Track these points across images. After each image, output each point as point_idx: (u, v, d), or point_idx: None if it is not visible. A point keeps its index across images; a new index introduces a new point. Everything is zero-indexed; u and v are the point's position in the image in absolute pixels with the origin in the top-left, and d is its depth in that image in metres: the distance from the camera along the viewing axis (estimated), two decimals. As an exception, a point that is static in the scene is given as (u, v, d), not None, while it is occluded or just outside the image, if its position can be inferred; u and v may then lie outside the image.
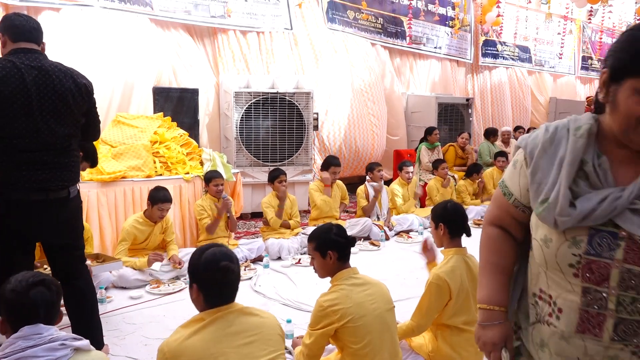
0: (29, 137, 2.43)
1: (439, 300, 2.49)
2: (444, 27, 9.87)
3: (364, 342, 2.21)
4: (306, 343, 2.30)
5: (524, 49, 11.72)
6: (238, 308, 1.85)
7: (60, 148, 2.53)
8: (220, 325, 1.79)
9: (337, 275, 2.33)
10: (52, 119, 2.48)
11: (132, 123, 5.13)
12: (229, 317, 1.81)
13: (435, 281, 2.48)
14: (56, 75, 2.49)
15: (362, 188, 5.87)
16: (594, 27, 13.54)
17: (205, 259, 1.83)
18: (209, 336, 1.75)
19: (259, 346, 1.81)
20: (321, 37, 7.59)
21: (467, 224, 2.68)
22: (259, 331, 1.84)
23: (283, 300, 3.80)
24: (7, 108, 2.36)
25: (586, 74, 13.79)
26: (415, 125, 8.78)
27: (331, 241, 2.32)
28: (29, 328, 1.68)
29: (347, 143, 7.49)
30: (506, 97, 11.13)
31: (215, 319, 1.79)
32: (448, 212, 2.64)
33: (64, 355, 1.67)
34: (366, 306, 2.24)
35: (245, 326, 1.83)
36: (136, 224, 4.17)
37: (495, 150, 8.31)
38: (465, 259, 2.59)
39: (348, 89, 7.58)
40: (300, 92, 6.31)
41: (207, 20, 6.60)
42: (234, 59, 6.83)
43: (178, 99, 6.01)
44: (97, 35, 5.68)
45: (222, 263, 1.82)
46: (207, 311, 1.82)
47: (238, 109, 6.13)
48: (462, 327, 2.54)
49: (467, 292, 2.51)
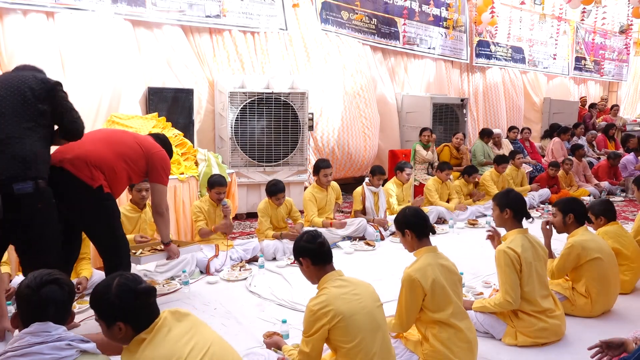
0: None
1: (413, 297, 2.61)
2: (438, 28, 9.91)
3: (356, 341, 2.24)
4: (305, 351, 2.33)
5: (518, 49, 11.78)
6: (165, 315, 1.87)
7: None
8: (162, 333, 1.82)
9: (322, 279, 2.40)
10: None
11: (126, 123, 5.12)
12: (165, 324, 1.84)
13: (405, 280, 2.63)
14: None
15: (360, 190, 5.84)
16: (588, 28, 13.62)
17: (116, 291, 1.79)
18: (159, 344, 1.79)
19: (201, 336, 1.90)
20: (315, 38, 7.60)
21: (430, 223, 2.86)
22: (194, 324, 1.93)
23: (278, 301, 3.81)
24: None
25: (579, 74, 13.87)
26: (409, 125, 8.81)
27: (301, 248, 2.45)
28: (39, 325, 1.71)
29: (340, 145, 7.49)
30: (500, 97, 11.18)
31: (155, 332, 1.81)
32: (408, 217, 2.82)
33: (69, 355, 1.68)
34: (355, 305, 2.29)
35: (182, 326, 1.89)
36: (125, 212, 4.13)
37: (489, 151, 8.35)
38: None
39: (341, 91, 7.59)
40: (295, 93, 6.32)
41: (202, 20, 6.59)
42: (228, 59, 6.82)
43: (173, 99, 6.00)
44: (88, 37, 5.61)
45: (139, 287, 1.83)
46: (144, 331, 1.81)
47: (233, 109, 6.13)
48: (450, 322, 2.61)
49: (443, 286, 2.62)
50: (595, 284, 3.41)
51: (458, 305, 2.67)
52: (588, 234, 3.52)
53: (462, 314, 2.69)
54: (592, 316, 3.47)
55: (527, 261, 3.00)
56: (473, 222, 6.31)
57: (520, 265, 2.98)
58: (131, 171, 3.21)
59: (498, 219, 3.28)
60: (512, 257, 2.98)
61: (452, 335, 2.61)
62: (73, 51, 5.52)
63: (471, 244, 5.44)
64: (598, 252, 3.41)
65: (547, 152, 9.69)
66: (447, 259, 2.80)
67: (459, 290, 2.74)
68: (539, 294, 3.03)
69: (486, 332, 3.15)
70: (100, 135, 3.34)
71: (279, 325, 3.09)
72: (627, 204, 7.89)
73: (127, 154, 3.19)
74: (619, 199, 8.11)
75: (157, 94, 5.93)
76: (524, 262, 2.99)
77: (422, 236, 2.79)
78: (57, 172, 2.88)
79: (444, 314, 2.61)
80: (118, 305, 1.77)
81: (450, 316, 2.61)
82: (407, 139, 8.81)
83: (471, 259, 4.76)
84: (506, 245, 3.05)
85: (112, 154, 3.11)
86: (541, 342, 3.03)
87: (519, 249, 3.00)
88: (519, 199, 3.25)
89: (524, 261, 2.99)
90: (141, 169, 3.28)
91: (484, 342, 3.02)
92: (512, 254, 2.99)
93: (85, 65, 5.54)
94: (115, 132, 3.61)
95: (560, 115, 11.73)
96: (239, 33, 6.93)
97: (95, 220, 3.06)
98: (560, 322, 3.09)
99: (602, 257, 3.42)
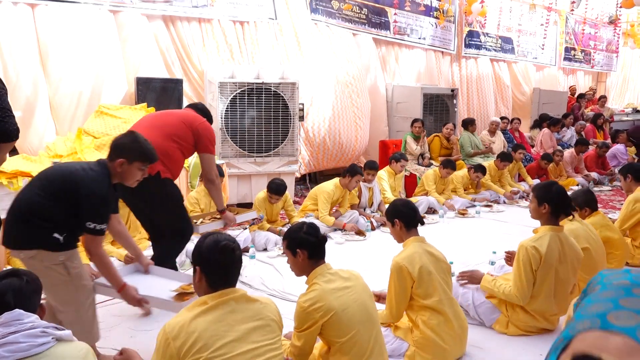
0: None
1: (402, 285, 2.64)
2: (428, 18, 9.89)
3: (349, 335, 2.23)
4: (297, 345, 2.33)
5: (507, 39, 11.79)
6: (240, 294, 1.89)
7: None
8: (223, 310, 1.82)
9: (311, 274, 2.35)
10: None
11: (115, 114, 5.08)
12: (231, 303, 1.85)
13: (394, 268, 2.67)
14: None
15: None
16: (577, 18, 13.67)
17: (208, 242, 1.90)
18: (212, 319, 1.78)
19: (259, 332, 1.86)
20: (305, 27, 7.54)
21: (419, 214, 2.89)
22: (259, 317, 1.89)
23: (269, 291, 3.82)
24: None
25: (569, 64, 13.94)
26: (400, 116, 8.81)
27: (300, 240, 2.36)
28: (8, 314, 1.70)
29: (331, 135, 7.47)
30: (489, 87, 11.21)
31: (219, 303, 1.83)
32: (398, 207, 2.88)
33: (45, 342, 1.67)
34: (346, 298, 2.26)
35: (247, 312, 1.87)
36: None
37: (476, 141, 8.38)
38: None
39: (332, 81, 7.56)
40: (285, 83, 6.28)
41: (190, 9, 6.52)
42: (218, 49, 6.76)
43: (162, 90, 5.94)
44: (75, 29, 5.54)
45: (222, 243, 1.89)
46: (210, 295, 1.85)
47: (223, 99, 6.09)
48: (439, 309, 2.64)
49: (430, 272, 2.65)
50: (583, 273, 3.43)
51: (446, 293, 2.70)
52: (576, 223, 3.52)
53: (450, 300, 2.72)
54: None
55: (548, 263, 2.87)
56: (463, 212, 6.35)
57: (539, 265, 2.87)
58: (182, 148, 3.44)
59: (535, 212, 3.10)
60: (531, 256, 2.88)
61: (441, 322, 2.64)
62: (55, 42, 5.44)
63: (461, 234, 5.49)
64: (586, 242, 3.44)
65: (536, 143, 9.75)
66: (435, 248, 2.82)
67: (447, 278, 2.76)
68: (546, 296, 2.94)
69: (476, 319, 3.18)
70: (145, 123, 3.49)
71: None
72: (615, 193, 7.98)
73: (174, 133, 3.39)
74: (606, 189, 8.20)
75: (145, 84, 5.87)
76: (545, 264, 2.86)
77: (411, 226, 2.81)
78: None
79: (433, 300, 2.63)
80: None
81: (439, 303, 2.64)
82: (398, 130, 8.81)
83: (461, 249, 4.80)
84: (532, 243, 2.91)
85: (161, 137, 3.29)
86: (530, 334, 3.06)
87: (544, 249, 2.87)
88: (561, 194, 3.04)
89: (544, 263, 2.86)
90: (190, 143, 3.49)
91: (473, 329, 3.06)
92: (534, 253, 2.88)
93: (67, 57, 5.47)
94: (158, 116, 3.72)
95: (550, 105, 11.79)
96: (229, 23, 6.86)
97: (159, 206, 3.36)
98: (554, 323, 3.09)
99: (590, 246, 3.44)
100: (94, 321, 2.65)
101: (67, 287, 2.50)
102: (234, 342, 1.77)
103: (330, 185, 5.42)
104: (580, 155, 8.61)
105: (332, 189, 5.36)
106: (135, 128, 3.28)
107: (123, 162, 2.55)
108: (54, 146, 4.83)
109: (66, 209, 2.44)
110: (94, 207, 2.46)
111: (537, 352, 2.89)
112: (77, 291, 2.53)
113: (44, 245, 2.42)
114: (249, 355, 1.78)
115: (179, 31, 6.56)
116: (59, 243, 2.45)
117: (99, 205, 2.47)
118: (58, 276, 2.47)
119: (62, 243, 2.45)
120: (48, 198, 2.44)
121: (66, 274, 2.48)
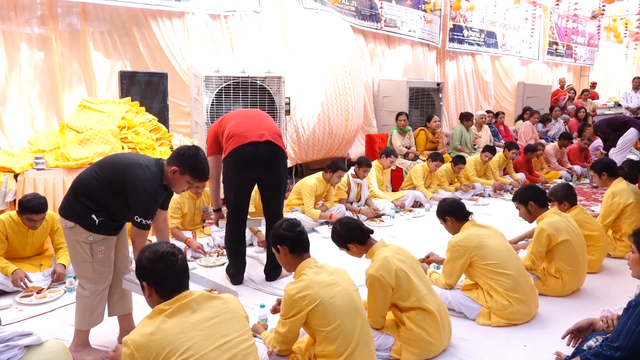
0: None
1: (383, 294, 2.65)
2: (417, 11, 9.89)
3: (334, 325, 2.27)
4: (280, 331, 2.37)
5: (491, 34, 11.87)
6: (199, 294, 1.86)
7: None
8: (185, 312, 1.79)
9: (299, 267, 2.44)
10: None
11: (98, 108, 5.00)
12: (191, 304, 1.82)
13: (372, 281, 2.63)
14: None
15: (345, 180, 5.81)
16: (561, 13, 13.80)
17: (147, 255, 1.88)
18: (174, 323, 1.75)
19: (224, 326, 1.83)
20: (294, 17, 7.45)
21: (367, 228, 2.87)
22: (222, 312, 1.86)
23: (256, 286, 3.82)
24: None
25: (552, 59, 14.08)
26: (386, 109, 8.83)
27: (279, 236, 2.46)
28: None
29: (321, 125, 7.34)
30: (472, 81, 11.28)
31: (179, 307, 1.79)
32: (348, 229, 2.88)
33: (12, 356, 1.60)
34: (332, 289, 2.32)
35: (209, 310, 1.84)
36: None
37: (468, 136, 8.42)
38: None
39: (324, 69, 7.40)
40: (271, 77, 6.24)
41: (173, 2, 6.43)
42: (202, 43, 6.69)
43: (146, 83, 5.87)
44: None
45: (162, 251, 1.87)
46: (166, 302, 1.81)
47: (208, 93, 6.04)
48: (422, 306, 2.67)
49: (406, 275, 2.66)
50: (564, 265, 3.50)
51: (424, 288, 2.71)
52: (556, 216, 3.58)
53: (430, 294, 2.74)
54: (563, 295, 3.58)
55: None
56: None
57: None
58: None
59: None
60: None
61: (426, 316, 2.67)
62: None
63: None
64: (567, 234, 3.50)
65: (519, 136, 9.83)
66: (400, 247, 2.82)
67: (420, 272, 2.77)
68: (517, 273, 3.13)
69: (460, 313, 3.22)
70: (253, 114, 3.88)
71: (257, 309, 3.11)
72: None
73: (271, 118, 3.91)
74: (589, 182, 8.31)
75: (129, 78, 5.79)
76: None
77: (366, 239, 2.83)
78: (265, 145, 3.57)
79: (412, 301, 2.66)
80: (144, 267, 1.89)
81: (420, 300, 2.66)
82: (384, 123, 8.83)
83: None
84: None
85: (272, 120, 3.85)
86: (513, 323, 3.11)
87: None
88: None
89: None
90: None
91: (457, 321, 3.10)
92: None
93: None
94: (252, 109, 4.30)
95: (534, 99, 11.91)
96: (212, 16, 6.79)
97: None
98: (527, 307, 3.14)
99: (570, 238, 3.50)
100: (99, 306, 2.77)
101: (86, 266, 2.69)
102: (201, 340, 1.75)
103: (312, 179, 5.42)
104: (563, 148, 8.70)
105: (315, 183, 5.36)
106: (252, 117, 3.75)
107: (176, 171, 2.66)
108: (36, 141, 4.75)
109: (114, 196, 2.62)
110: (142, 202, 2.59)
111: (521, 342, 2.94)
112: (94, 274, 2.70)
113: (80, 221, 2.63)
114: (220, 351, 1.77)
115: (163, 24, 6.48)
116: (93, 225, 2.63)
117: (146, 202, 2.60)
118: (83, 254, 2.67)
119: (96, 225, 2.64)
120: (101, 181, 2.62)
121: (90, 255, 2.67)
